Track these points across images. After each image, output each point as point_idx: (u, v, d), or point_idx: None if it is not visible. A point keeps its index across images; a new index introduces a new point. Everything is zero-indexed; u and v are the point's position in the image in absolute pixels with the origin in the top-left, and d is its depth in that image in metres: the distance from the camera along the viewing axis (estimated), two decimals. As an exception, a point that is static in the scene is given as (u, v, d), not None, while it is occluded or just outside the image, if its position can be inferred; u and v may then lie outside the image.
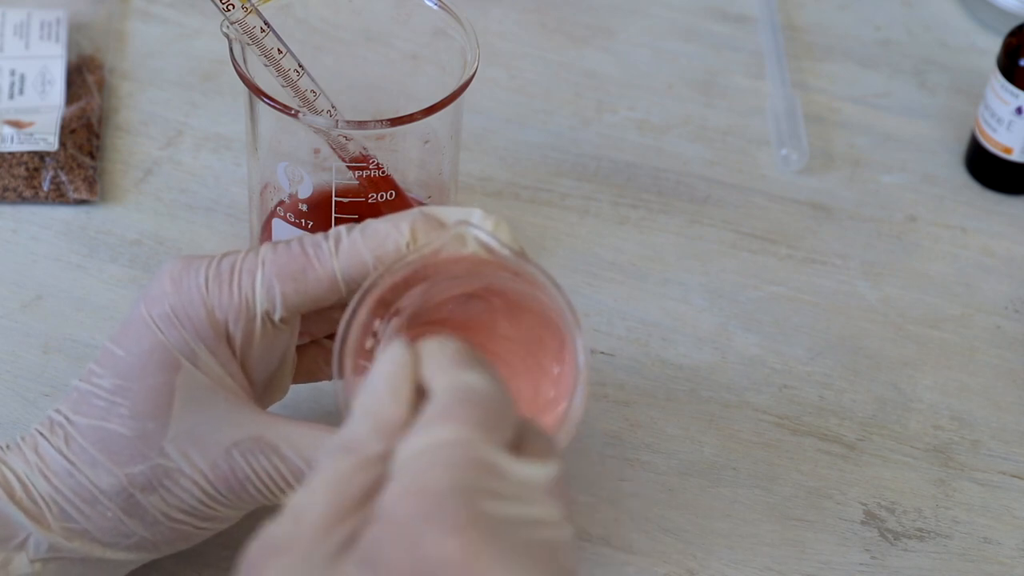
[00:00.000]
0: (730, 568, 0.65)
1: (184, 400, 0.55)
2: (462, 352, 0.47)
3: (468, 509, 0.42)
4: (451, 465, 0.43)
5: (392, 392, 0.46)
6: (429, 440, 0.44)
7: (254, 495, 0.56)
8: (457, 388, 0.45)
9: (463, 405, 0.45)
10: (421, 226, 0.56)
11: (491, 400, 0.45)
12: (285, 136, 0.67)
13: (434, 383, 0.46)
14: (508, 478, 0.44)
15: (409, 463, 0.44)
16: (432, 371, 0.46)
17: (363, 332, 0.53)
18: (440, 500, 0.42)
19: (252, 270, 0.56)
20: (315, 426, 0.56)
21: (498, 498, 0.43)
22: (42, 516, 0.56)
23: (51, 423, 0.57)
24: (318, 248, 0.56)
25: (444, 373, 0.46)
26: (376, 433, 0.45)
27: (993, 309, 0.78)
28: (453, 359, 0.47)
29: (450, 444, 0.44)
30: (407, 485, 0.43)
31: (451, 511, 0.42)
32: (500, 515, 0.43)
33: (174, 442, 0.55)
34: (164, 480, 0.56)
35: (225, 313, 0.56)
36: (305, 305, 0.56)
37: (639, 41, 0.91)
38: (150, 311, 0.56)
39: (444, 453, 0.43)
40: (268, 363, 0.58)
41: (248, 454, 0.56)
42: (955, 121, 0.88)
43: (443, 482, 0.42)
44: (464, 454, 0.43)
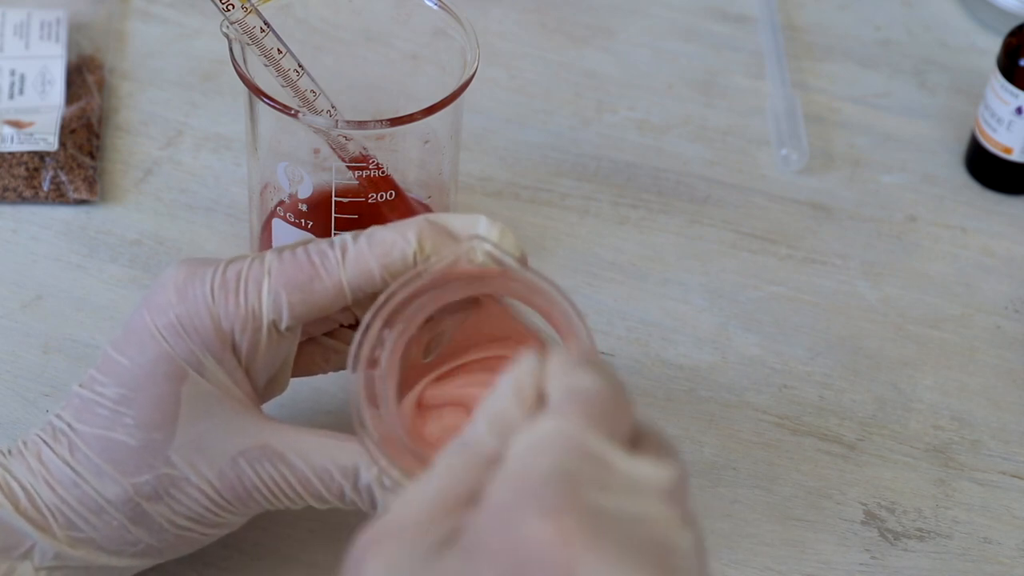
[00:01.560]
0: (730, 568, 0.65)
1: (190, 409, 0.55)
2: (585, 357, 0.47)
3: (568, 494, 0.41)
4: (554, 452, 0.42)
5: (514, 395, 0.46)
6: (539, 432, 0.44)
7: (260, 502, 0.56)
8: (571, 386, 0.45)
9: (575, 400, 0.44)
10: (428, 234, 0.55)
11: (604, 396, 0.45)
12: (285, 136, 0.67)
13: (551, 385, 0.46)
14: (617, 472, 0.43)
15: (518, 453, 0.43)
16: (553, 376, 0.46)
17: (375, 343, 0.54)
18: (539, 484, 0.41)
19: (258, 280, 0.55)
20: (322, 434, 0.56)
21: (603, 489, 0.42)
22: (47, 525, 0.55)
23: (54, 430, 0.56)
24: (324, 257, 0.56)
25: (561, 375, 0.46)
26: (492, 432, 0.45)
27: (993, 309, 0.78)
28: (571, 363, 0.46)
29: (558, 433, 0.43)
30: (511, 472, 0.43)
31: (550, 494, 0.41)
32: (603, 506, 0.42)
33: (180, 451, 0.55)
34: (170, 489, 0.56)
35: (231, 323, 0.55)
36: (311, 314, 0.56)
37: (639, 41, 0.91)
38: (155, 321, 0.55)
39: (550, 441, 0.43)
40: (271, 368, 0.58)
41: (254, 462, 0.55)
42: (955, 121, 0.88)
43: (544, 468, 0.42)
44: (570, 442, 0.43)
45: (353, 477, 0.55)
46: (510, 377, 0.46)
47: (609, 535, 0.41)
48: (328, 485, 0.55)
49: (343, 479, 0.55)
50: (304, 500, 0.56)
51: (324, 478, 0.55)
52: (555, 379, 0.46)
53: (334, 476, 0.55)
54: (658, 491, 0.43)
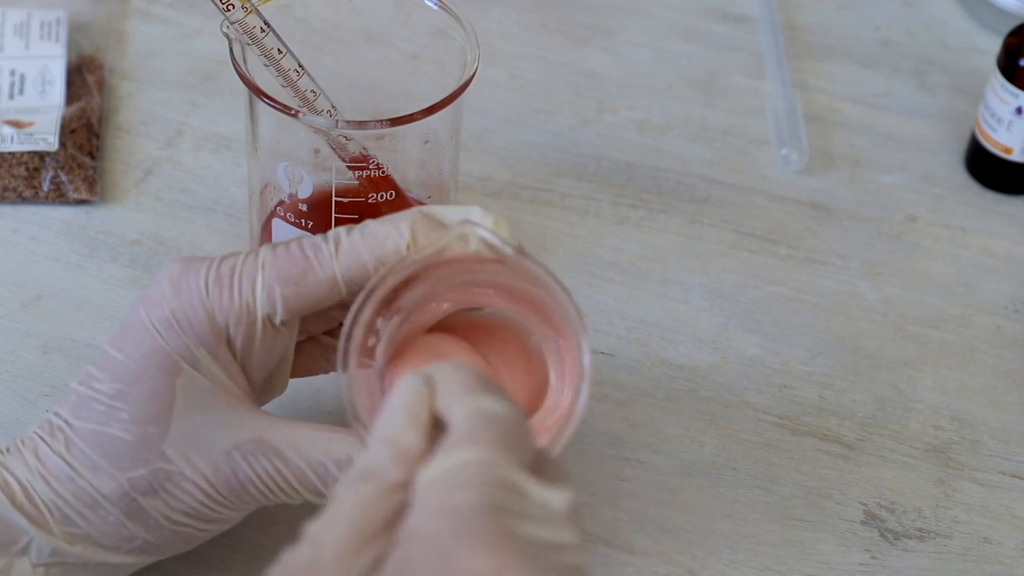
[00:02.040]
0: (730, 568, 0.65)
1: (184, 403, 0.55)
2: (477, 377, 0.47)
3: (499, 527, 0.42)
4: (478, 484, 0.43)
5: (410, 420, 0.46)
6: (453, 461, 0.44)
7: (256, 496, 0.56)
8: (477, 412, 0.46)
9: (484, 428, 0.45)
10: (421, 226, 0.56)
11: (509, 423, 0.46)
12: (285, 136, 0.67)
13: (452, 410, 0.46)
14: (531, 500, 0.44)
15: (434, 485, 0.44)
16: (449, 398, 0.47)
17: (366, 331, 0.53)
18: (470, 518, 0.42)
19: (252, 274, 0.56)
20: (316, 427, 0.56)
21: (525, 519, 0.43)
22: (44, 521, 0.56)
23: (51, 427, 0.57)
24: (318, 251, 0.56)
25: (462, 399, 0.46)
26: (395, 461, 0.45)
27: (993, 309, 0.78)
28: (468, 384, 0.47)
29: (475, 464, 0.44)
30: (435, 505, 0.43)
31: (483, 528, 0.42)
32: (528, 536, 0.43)
33: (175, 445, 0.55)
34: (166, 483, 0.56)
35: (226, 317, 0.55)
36: (306, 308, 0.56)
37: (639, 41, 0.91)
38: (150, 315, 0.56)
39: (469, 473, 0.44)
40: (268, 364, 0.58)
41: (249, 456, 0.56)
42: (955, 121, 0.88)
43: (472, 500, 0.43)
44: (489, 474, 0.44)
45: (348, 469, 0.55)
46: (399, 401, 0.47)
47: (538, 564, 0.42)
48: (323, 478, 0.55)
49: (338, 471, 0.55)
50: (300, 494, 0.56)
51: (319, 471, 0.55)
52: (458, 403, 0.46)
53: (329, 469, 0.55)
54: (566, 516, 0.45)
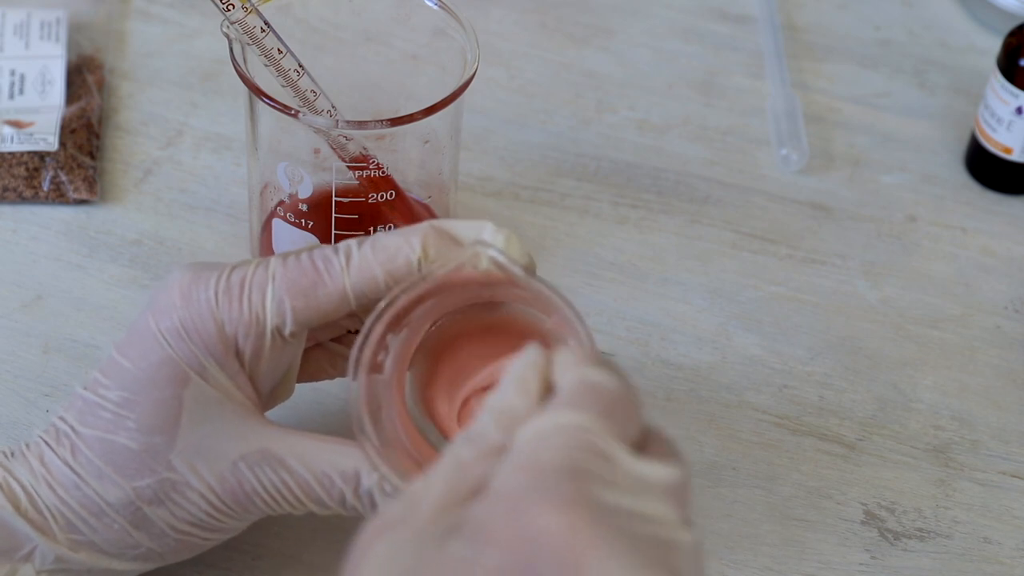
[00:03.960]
0: (730, 568, 0.65)
1: (192, 414, 0.55)
2: (593, 355, 0.47)
3: (576, 488, 0.42)
4: (566, 446, 0.43)
5: (519, 388, 0.46)
6: (549, 422, 0.44)
7: (261, 507, 0.56)
8: (583, 381, 0.46)
9: (586, 396, 0.45)
10: (432, 241, 0.55)
11: (616, 396, 0.45)
12: (285, 136, 0.67)
13: (561, 378, 0.46)
14: (624, 470, 0.44)
15: (525, 443, 0.44)
16: (561, 369, 0.47)
17: (376, 349, 0.54)
18: (549, 476, 0.42)
19: (262, 285, 0.55)
20: (323, 439, 0.56)
21: (610, 486, 0.43)
22: (48, 527, 0.55)
23: (56, 432, 0.56)
24: (329, 263, 0.55)
25: (574, 368, 0.46)
26: (499, 424, 0.45)
27: (993, 309, 0.78)
28: (583, 358, 0.47)
29: (568, 427, 0.44)
30: (520, 462, 0.43)
31: (559, 487, 0.42)
32: (609, 502, 0.42)
33: (181, 455, 0.55)
34: (171, 493, 0.56)
35: (235, 328, 0.55)
36: (315, 320, 0.56)
37: (639, 41, 0.91)
38: (159, 324, 0.55)
39: (561, 435, 0.43)
40: (276, 373, 0.58)
41: (255, 467, 0.55)
42: (955, 121, 0.88)
43: (555, 460, 0.42)
44: (581, 438, 0.43)
45: (354, 482, 0.55)
46: (514, 370, 0.47)
47: (616, 531, 0.41)
48: (329, 490, 0.55)
49: (344, 484, 0.55)
50: (305, 505, 0.56)
51: (325, 483, 0.55)
52: (566, 371, 0.46)
53: (335, 481, 0.55)
54: (662, 492, 0.44)
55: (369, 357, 0.53)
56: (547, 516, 0.41)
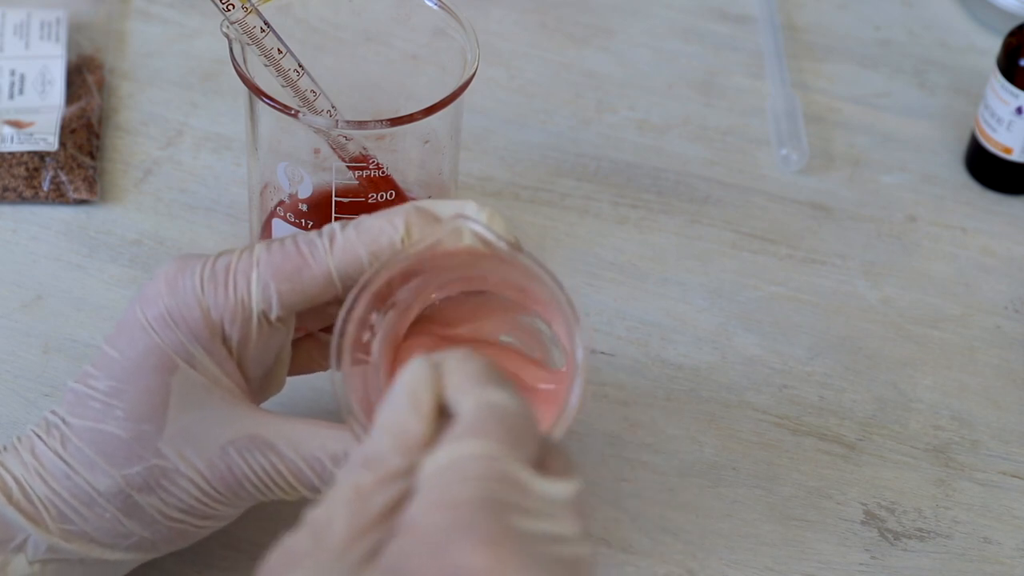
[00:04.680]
0: (730, 568, 0.65)
1: (180, 400, 0.55)
2: (484, 368, 0.47)
3: (497, 522, 0.42)
4: (479, 478, 0.43)
5: (414, 408, 0.46)
6: (456, 454, 0.44)
7: (252, 492, 0.56)
8: (483, 405, 0.45)
9: (489, 421, 0.45)
10: (415, 220, 0.56)
11: (516, 417, 0.45)
12: (285, 136, 0.67)
13: (459, 400, 0.46)
14: (533, 494, 0.44)
15: (436, 476, 0.44)
16: (455, 388, 0.46)
17: (360, 326, 0.53)
18: (469, 512, 0.42)
19: (247, 270, 0.56)
20: (311, 422, 0.56)
21: (525, 513, 0.43)
22: (40, 518, 0.56)
23: (47, 424, 0.57)
24: (312, 246, 0.56)
25: (469, 390, 0.46)
26: (398, 449, 0.45)
27: (993, 309, 0.78)
28: (477, 375, 0.46)
29: (477, 458, 0.44)
30: (434, 497, 0.43)
31: (480, 523, 0.42)
32: (527, 530, 0.43)
33: (170, 442, 0.55)
34: (161, 480, 0.56)
35: (221, 314, 0.55)
36: (301, 303, 0.56)
37: (639, 41, 0.91)
38: (145, 313, 0.56)
39: (472, 466, 0.43)
40: (264, 360, 0.58)
41: (244, 452, 0.56)
42: (955, 121, 0.88)
43: (472, 494, 0.42)
44: (491, 468, 0.43)
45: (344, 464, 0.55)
46: (404, 387, 0.46)
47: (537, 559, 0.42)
48: (319, 473, 0.55)
49: (334, 467, 0.55)
50: (296, 490, 0.56)
51: (315, 466, 0.55)
52: (464, 392, 0.46)
53: (325, 464, 0.55)
54: (568, 508, 0.44)
55: (353, 335, 0.53)
56: (472, 554, 0.41)
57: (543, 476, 0.45)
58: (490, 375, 0.47)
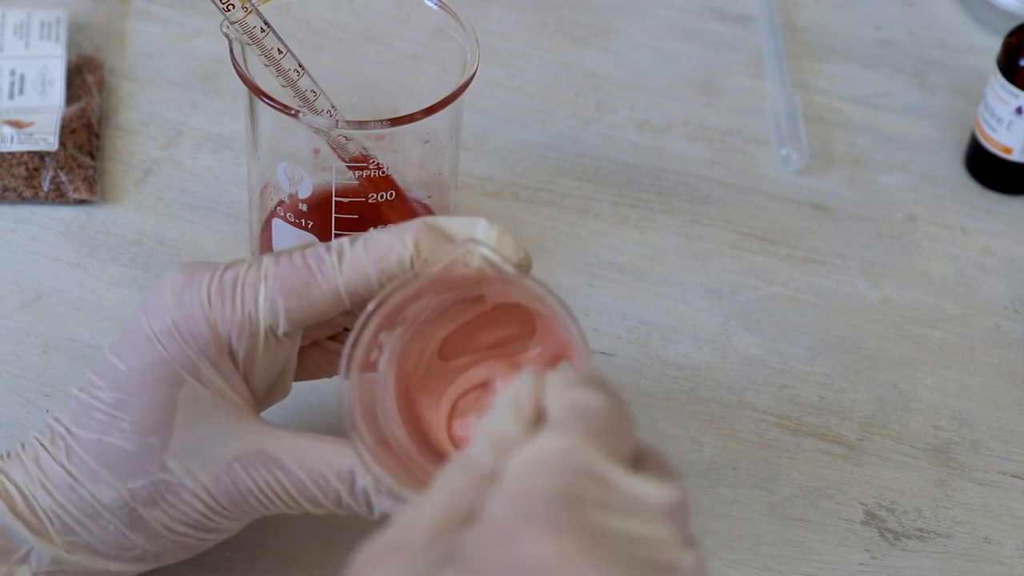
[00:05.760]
0: (730, 568, 0.65)
1: (186, 414, 0.55)
2: (584, 375, 0.47)
3: (568, 513, 0.41)
4: (556, 470, 0.42)
5: (512, 412, 0.45)
6: (539, 448, 0.43)
7: (256, 507, 0.56)
8: (573, 404, 0.45)
9: (576, 418, 0.44)
10: (425, 238, 0.55)
11: (607, 415, 0.45)
12: (285, 136, 0.67)
13: (552, 404, 0.46)
14: (619, 491, 0.43)
15: (516, 469, 0.43)
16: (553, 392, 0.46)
17: (368, 348, 0.54)
18: (540, 502, 0.41)
19: (255, 285, 0.55)
20: (318, 438, 0.56)
21: (605, 509, 0.42)
22: (44, 529, 0.55)
23: (52, 433, 0.56)
24: (321, 262, 0.55)
25: (563, 393, 0.46)
26: (491, 450, 0.45)
27: (993, 309, 0.78)
28: (572, 380, 0.46)
29: (559, 451, 0.43)
30: (511, 489, 0.42)
31: (550, 514, 0.41)
32: (604, 526, 0.41)
33: (176, 456, 0.55)
34: (166, 494, 0.55)
35: (228, 329, 0.55)
36: (308, 319, 0.56)
37: (639, 41, 0.91)
38: (151, 325, 0.55)
39: (551, 459, 0.43)
40: (271, 373, 0.57)
41: (250, 467, 0.55)
42: (955, 121, 0.88)
43: (545, 485, 0.42)
44: (572, 461, 0.43)
45: (349, 481, 0.55)
46: (508, 395, 0.46)
47: (610, 555, 0.41)
48: (324, 490, 0.55)
49: (339, 483, 0.55)
50: (300, 505, 0.56)
51: (320, 483, 0.55)
52: (556, 395, 0.46)
53: (330, 481, 0.55)
54: (659, 511, 0.43)
55: (361, 356, 0.53)
56: (539, 544, 0.40)
57: (634, 475, 0.44)
58: (588, 380, 0.46)
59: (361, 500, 0.55)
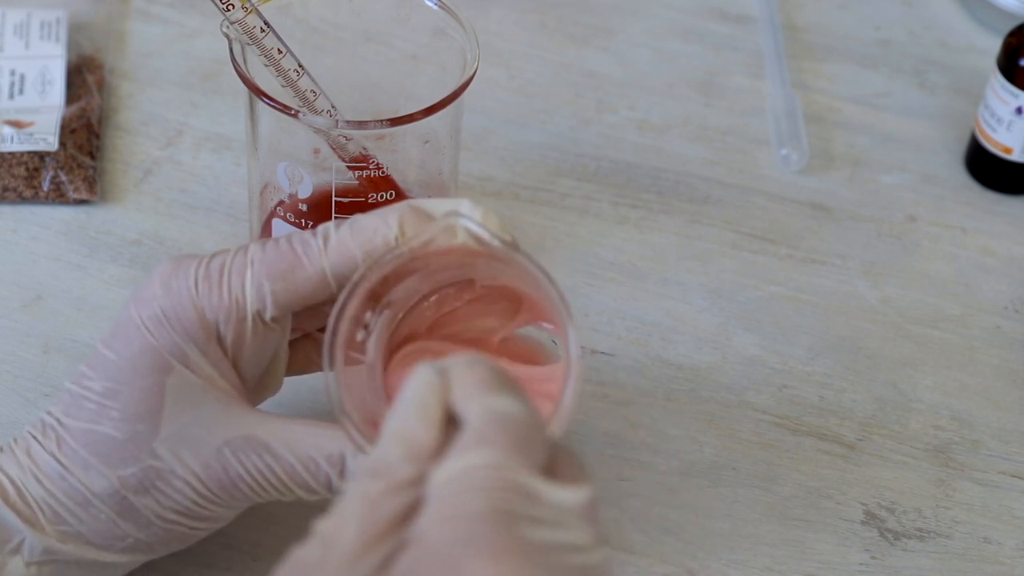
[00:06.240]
0: (730, 568, 0.65)
1: (175, 401, 0.55)
2: (491, 373, 0.46)
3: (507, 534, 0.41)
4: (487, 489, 0.43)
5: (422, 416, 0.45)
6: (464, 464, 0.43)
7: (247, 493, 0.56)
8: (490, 413, 0.45)
9: (497, 430, 0.44)
10: (409, 219, 0.55)
11: (524, 424, 0.45)
12: (285, 136, 0.67)
13: (466, 408, 0.45)
14: (543, 502, 0.43)
15: (444, 488, 0.43)
16: (463, 395, 0.46)
17: (354, 324, 0.53)
18: (478, 525, 0.42)
19: (241, 270, 0.56)
20: (307, 422, 0.56)
21: (535, 523, 0.42)
22: (36, 519, 0.56)
23: (43, 425, 0.57)
24: (307, 246, 0.56)
25: (476, 398, 0.45)
26: (407, 457, 0.44)
27: (993, 309, 0.78)
28: (483, 382, 0.46)
29: (485, 468, 0.43)
30: (444, 510, 0.42)
31: (490, 536, 0.41)
32: (537, 540, 0.42)
33: (165, 443, 0.55)
34: (156, 481, 0.56)
35: (216, 314, 0.55)
36: (296, 303, 0.56)
37: (639, 41, 0.91)
38: (140, 314, 0.56)
39: (480, 477, 0.43)
40: (260, 361, 0.58)
41: (239, 452, 0.55)
42: (955, 121, 0.88)
43: (480, 506, 0.42)
44: (500, 478, 0.43)
45: (340, 465, 0.55)
46: (412, 395, 0.46)
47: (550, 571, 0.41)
48: (315, 474, 0.55)
49: (329, 467, 0.55)
50: (291, 491, 0.56)
51: (311, 467, 0.55)
52: (469, 399, 0.45)
53: (320, 465, 0.55)
54: (579, 515, 0.44)
55: (345, 334, 0.53)
56: (483, 567, 0.40)
57: (553, 483, 0.44)
58: (497, 381, 0.46)
59: None
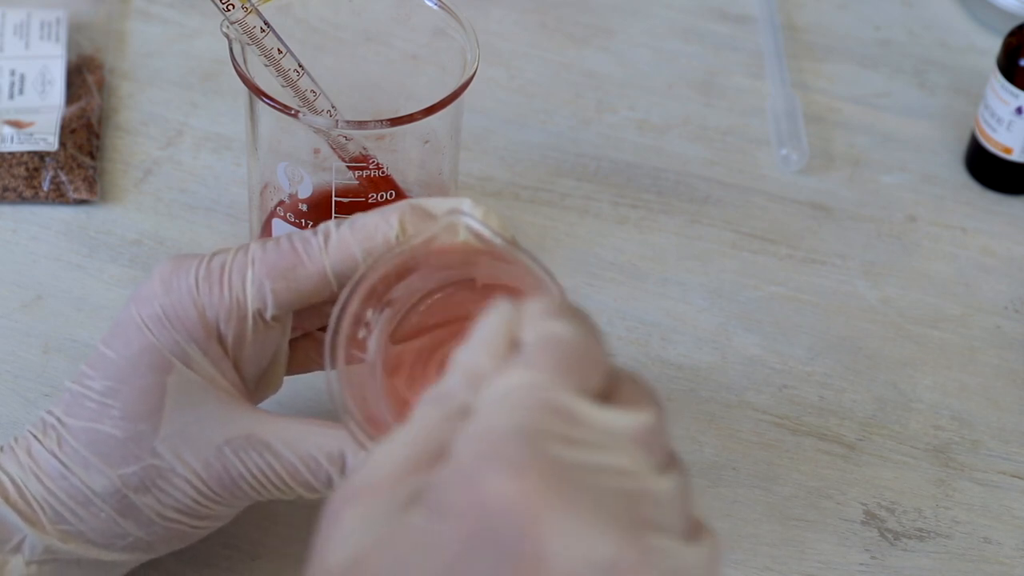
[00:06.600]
0: (730, 568, 0.65)
1: (175, 400, 0.55)
2: (558, 303, 0.45)
3: (531, 451, 0.40)
4: (519, 407, 0.42)
5: (486, 345, 0.45)
6: (505, 384, 0.43)
7: (248, 492, 0.56)
8: (544, 335, 0.44)
9: (543, 351, 0.43)
10: (410, 218, 0.55)
11: (574, 346, 0.44)
12: (285, 136, 0.67)
13: (525, 335, 0.45)
14: (585, 423, 0.42)
15: (484, 407, 0.42)
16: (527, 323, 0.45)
17: (355, 322, 0.53)
18: (502, 441, 0.41)
19: (242, 269, 0.56)
20: (308, 421, 0.56)
21: (569, 443, 0.41)
22: (36, 518, 0.56)
23: (44, 425, 0.57)
24: (307, 244, 0.56)
25: (534, 324, 0.45)
26: (465, 384, 0.44)
27: (993, 309, 0.78)
28: (546, 310, 0.45)
29: (524, 387, 0.42)
30: (475, 428, 0.42)
31: (513, 452, 0.40)
32: (569, 460, 0.41)
33: (166, 442, 0.55)
34: (157, 480, 0.56)
35: (216, 313, 0.55)
36: (296, 302, 0.56)
37: (639, 41, 0.91)
38: (140, 313, 0.56)
39: (514, 396, 0.42)
40: (261, 360, 0.58)
41: (240, 451, 0.56)
42: (955, 121, 0.88)
43: (508, 423, 0.41)
44: (536, 397, 0.42)
45: (340, 463, 0.55)
46: (482, 326, 0.45)
47: (574, 490, 0.40)
48: (315, 473, 0.55)
49: (330, 465, 0.55)
50: (292, 489, 0.56)
51: (311, 465, 0.55)
52: (529, 327, 0.45)
53: (321, 463, 0.55)
54: (630, 440, 0.42)
55: (347, 331, 0.53)
56: (498, 482, 0.40)
57: (603, 406, 0.43)
58: (559, 309, 0.45)
59: None
